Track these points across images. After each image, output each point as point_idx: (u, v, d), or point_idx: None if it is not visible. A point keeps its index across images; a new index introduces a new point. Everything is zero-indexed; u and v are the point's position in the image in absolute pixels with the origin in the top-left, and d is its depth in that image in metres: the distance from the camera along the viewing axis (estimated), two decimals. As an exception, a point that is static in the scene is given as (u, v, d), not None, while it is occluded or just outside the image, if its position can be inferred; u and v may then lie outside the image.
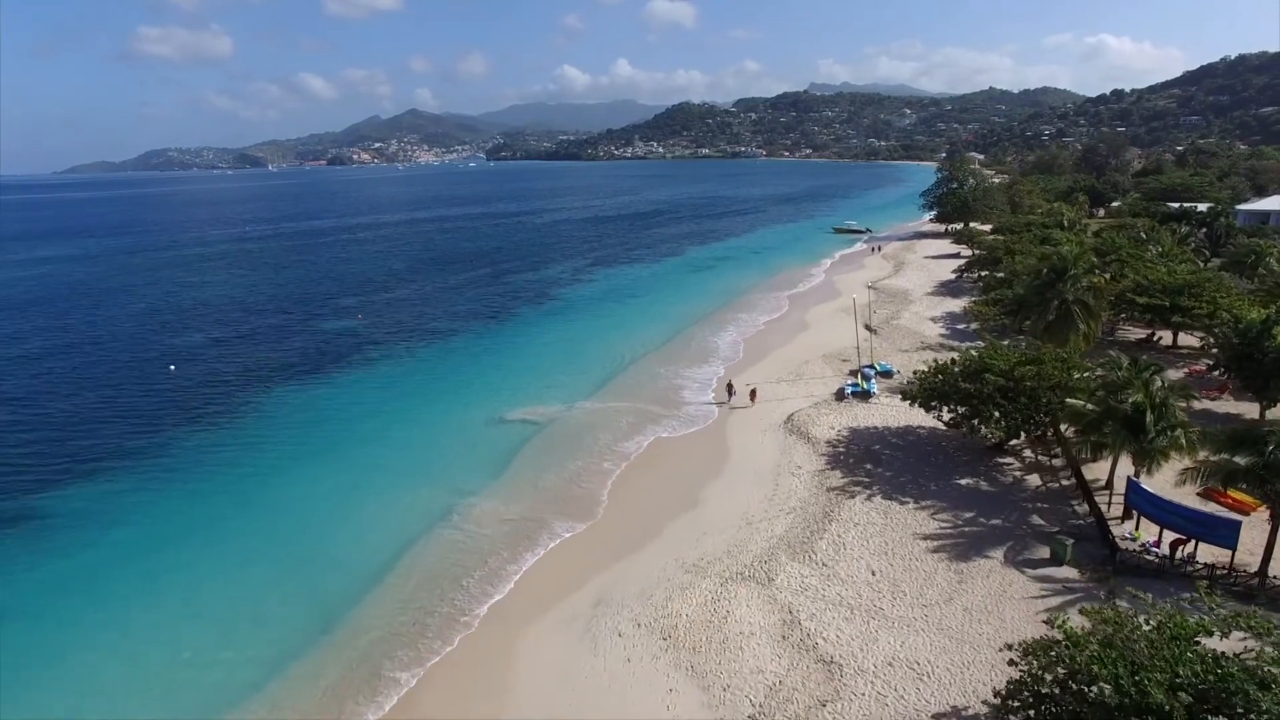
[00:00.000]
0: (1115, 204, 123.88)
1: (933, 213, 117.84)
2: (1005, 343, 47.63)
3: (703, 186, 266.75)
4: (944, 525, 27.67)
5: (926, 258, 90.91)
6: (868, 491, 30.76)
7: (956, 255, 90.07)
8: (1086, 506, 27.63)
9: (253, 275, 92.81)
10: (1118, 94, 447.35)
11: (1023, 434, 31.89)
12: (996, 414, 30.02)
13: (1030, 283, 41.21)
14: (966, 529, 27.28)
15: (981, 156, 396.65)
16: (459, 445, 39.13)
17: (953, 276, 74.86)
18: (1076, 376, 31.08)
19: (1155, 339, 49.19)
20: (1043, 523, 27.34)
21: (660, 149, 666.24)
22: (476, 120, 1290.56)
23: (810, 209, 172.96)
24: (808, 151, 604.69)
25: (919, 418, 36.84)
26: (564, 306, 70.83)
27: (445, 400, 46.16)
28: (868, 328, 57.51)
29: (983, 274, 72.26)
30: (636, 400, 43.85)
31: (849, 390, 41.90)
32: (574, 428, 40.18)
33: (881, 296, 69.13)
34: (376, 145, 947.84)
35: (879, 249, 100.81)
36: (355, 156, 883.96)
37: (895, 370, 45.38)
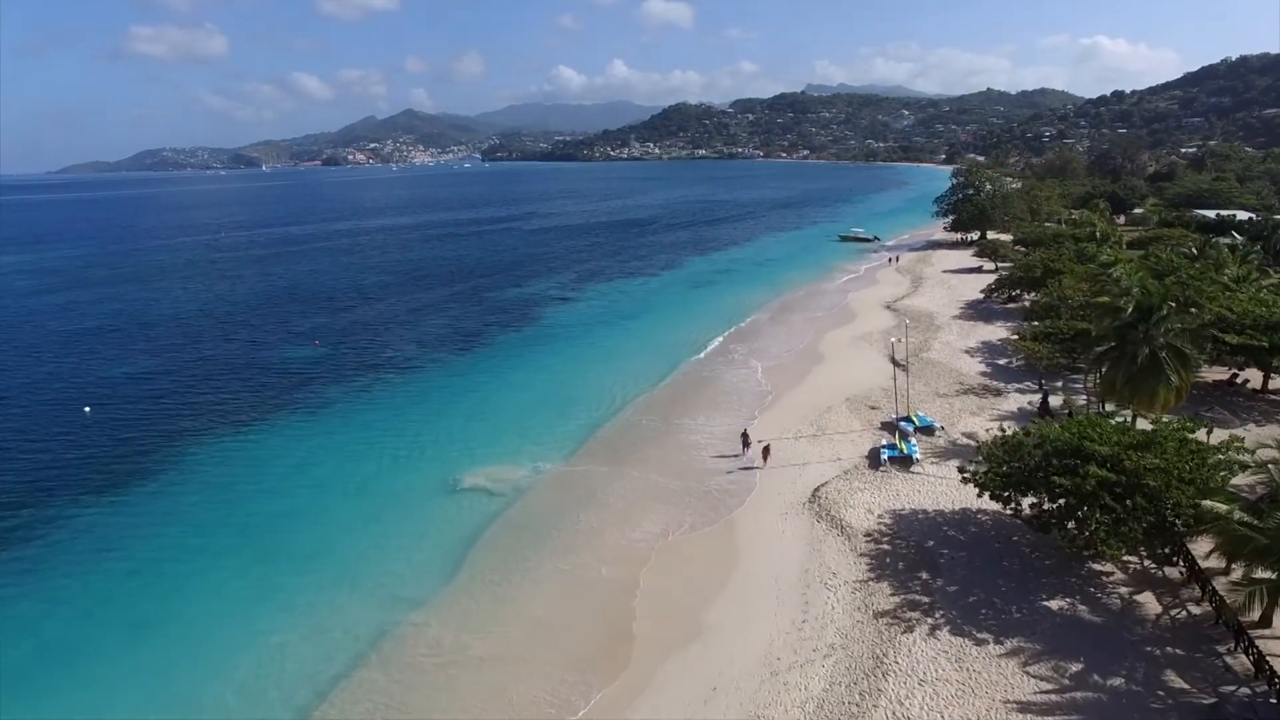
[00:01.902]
0: (1137, 210, 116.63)
1: (946, 219, 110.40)
2: (1079, 399, 40.30)
3: (700, 189, 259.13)
4: (1045, 686, 19.99)
5: (946, 272, 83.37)
6: (929, 620, 23.08)
7: (979, 270, 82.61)
8: (1246, 662, 19.98)
9: (209, 291, 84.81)
10: (1118, 95, 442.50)
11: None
12: (1103, 519, 22.26)
13: (1109, 324, 33.58)
14: (1079, 696, 19.60)
15: (982, 159, 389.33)
16: (404, 528, 31.40)
17: (980, 296, 67.27)
18: (1201, 459, 23.48)
19: (1241, 382, 41.63)
20: (1185, 685, 19.68)
21: (657, 150, 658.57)
22: (472, 120, 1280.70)
23: (812, 214, 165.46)
24: (805, 153, 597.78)
25: (977, 496, 29.10)
26: (547, 332, 63.09)
27: (396, 458, 38.43)
28: (895, 362, 49.86)
29: (1014, 293, 64.97)
30: (626, 463, 36.11)
31: (885, 455, 34.23)
32: (549, 504, 32.45)
33: (903, 320, 61.36)
34: (372, 146, 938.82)
35: (896, 259, 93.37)
36: (350, 157, 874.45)
37: (937, 425, 37.71)
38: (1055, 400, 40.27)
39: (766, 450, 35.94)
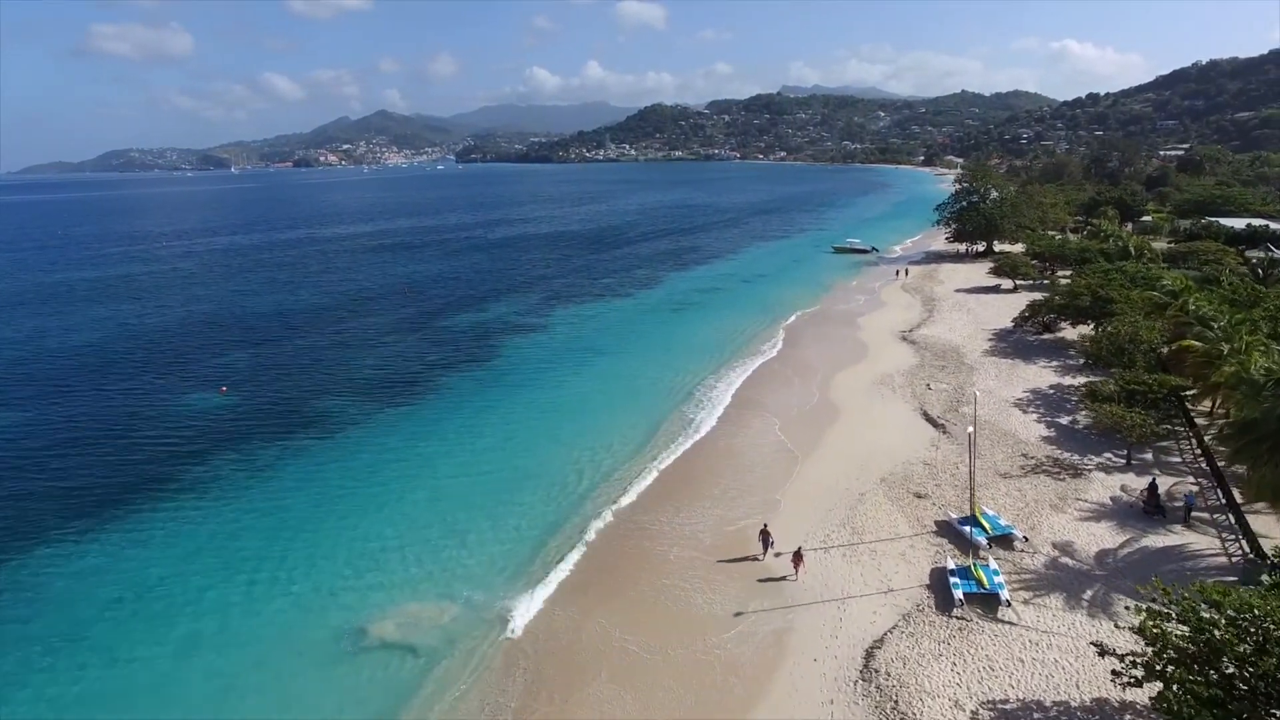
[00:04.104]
0: (1145, 218, 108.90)
1: (948, 229, 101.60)
2: (1189, 483, 30.82)
3: (677, 193, 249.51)
4: None
5: (960, 291, 74.22)
6: None
7: (996, 289, 73.75)
8: None
9: (114, 319, 72.83)
10: (1093, 97, 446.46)
11: None
12: None
13: (1265, 406, 24.14)
14: None
15: (961, 160, 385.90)
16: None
17: (1010, 325, 58.04)
18: None
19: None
20: None
21: (632, 151, 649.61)
22: (446, 122, 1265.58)
23: (799, 221, 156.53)
24: (782, 154, 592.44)
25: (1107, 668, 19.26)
26: (504, 375, 52.59)
27: (284, 583, 27.88)
28: (931, 421, 40.28)
29: (1049, 318, 55.81)
30: (595, 599, 25.85)
31: (959, 590, 24.34)
32: (478, 690, 22.06)
33: (926, 357, 52.04)
34: (345, 147, 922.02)
35: (905, 273, 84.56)
36: (322, 158, 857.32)
37: (1017, 533, 27.85)
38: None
39: (799, 557, 26.51)
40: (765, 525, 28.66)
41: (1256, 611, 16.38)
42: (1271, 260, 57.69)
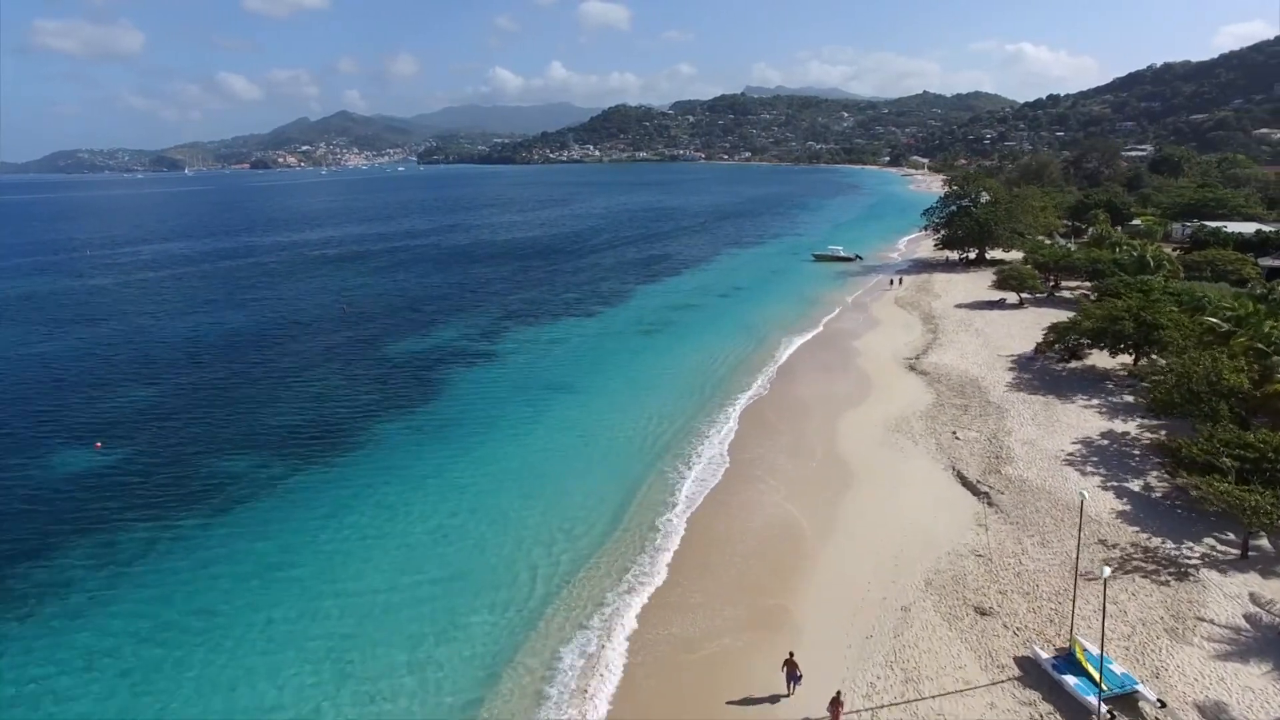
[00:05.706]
0: (1136, 222, 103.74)
1: (935, 235, 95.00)
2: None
3: (643, 196, 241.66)
4: None
5: (959, 306, 67.20)
6: None
7: (1000, 303, 66.94)
8: None
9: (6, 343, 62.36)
10: (1054, 99, 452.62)
11: None
12: None
13: None
14: None
15: (927, 160, 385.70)
16: None
17: (1030, 350, 51.02)
18: None
19: None
20: None
21: (596, 152, 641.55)
22: (408, 123, 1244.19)
23: (773, 225, 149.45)
24: (747, 155, 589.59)
25: None
26: (447, 421, 43.61)
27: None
28: (970, 487, 32.57)
29: (1079, 341, 48.58)
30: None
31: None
32: None
33: (943, 393, 44.52)
34: (304, 148, 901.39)
35: (900, 282, 77.89)
36: (280, 160, 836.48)
37: (1145, 691, 19.86)
38: None
39: (837, 704, 19.13)
40: (791, 654, 20.82)
41: None
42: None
